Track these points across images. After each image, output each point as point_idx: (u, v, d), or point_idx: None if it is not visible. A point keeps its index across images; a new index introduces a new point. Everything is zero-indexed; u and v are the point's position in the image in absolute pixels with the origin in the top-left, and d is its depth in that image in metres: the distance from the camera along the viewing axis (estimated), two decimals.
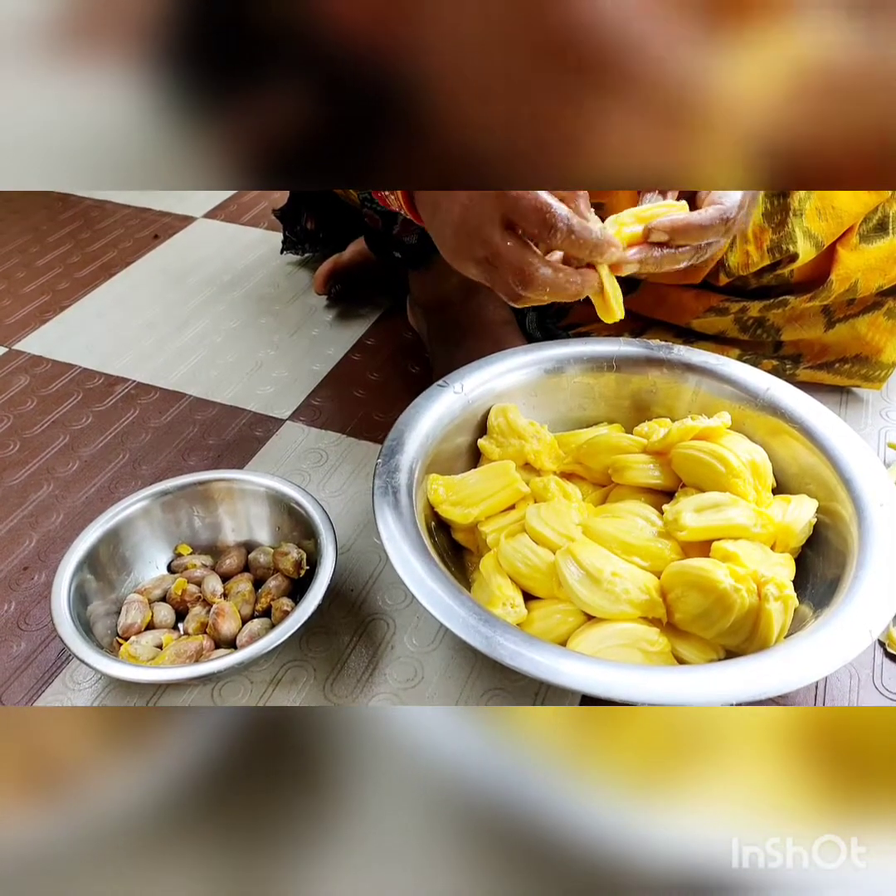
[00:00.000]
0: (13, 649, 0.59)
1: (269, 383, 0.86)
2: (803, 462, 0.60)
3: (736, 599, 0.48)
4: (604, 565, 0.51)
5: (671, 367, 0.67)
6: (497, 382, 0.66)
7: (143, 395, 0.85)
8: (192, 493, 0.63)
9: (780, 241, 0.69)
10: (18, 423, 0.82)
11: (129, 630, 0.57)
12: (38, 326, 0.96)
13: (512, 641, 0.46)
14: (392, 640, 0.59)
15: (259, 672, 0.57)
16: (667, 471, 0.59)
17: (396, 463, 0.57)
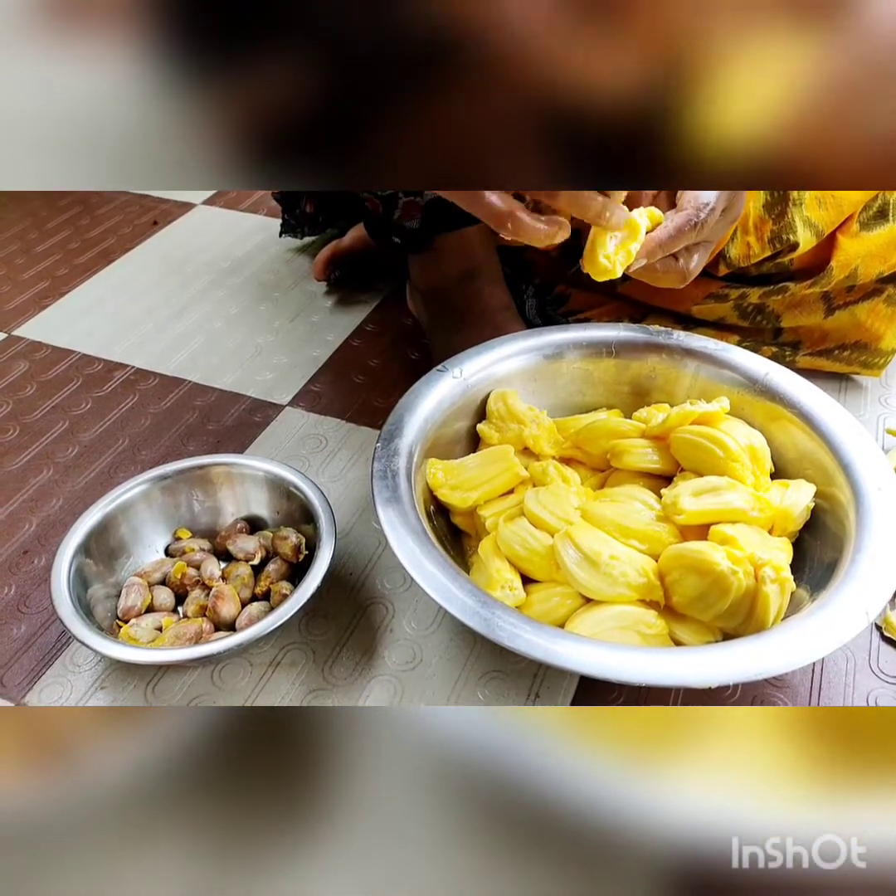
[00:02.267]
0: (13, 632, 0.60)
1: (269, 369, 0.86)
2: (802, 447, 0.60)
3: (733, 582, 0.48)
4: (602, 548, 0.51)
5: (670, 353, 0.67)
6: (496, 367, 0.66)
7: (142, 380, 0.85)
8: (191, 477, 0.63)
9: (781, 231, 0.69)
10: (18, 408, 0.82)
11: (128, 613, 0.57)
12: (38, 312, 0.96)
13: (510, 623, 0.46)
14: (391, 623, 0.59)
15: (258, 654, 0.57)
16: (665, 455, 0.60)
17: (395, 447, 0.57)
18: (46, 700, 0.55)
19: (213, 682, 0.56)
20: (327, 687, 0.55)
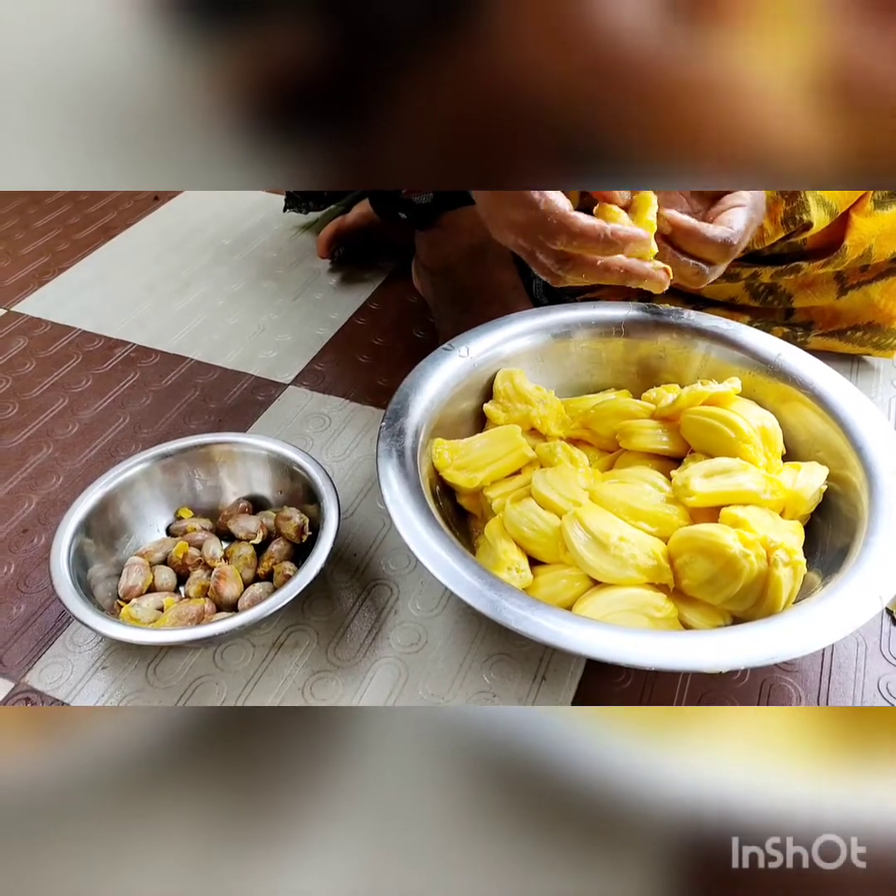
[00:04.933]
0: (13, 611, 0.59)
1: (272, 347, 0.85)
2: (814, 429, 0.59)
3: (745, 565, 0.47)
4: (611, 530, 0.50)
5: (681, 333, 0.65)
6: (503, 346, 0.65)
7: (143, 358, 0.84)
8: (193, 455, 0.62)
9: (794, 212, 0.67)
10: (17, 385, 0.81)
11: (129, 592, 0.56)
12: (37, 288, 0.95)
13: (517, 605, 0.45)
14: (395, 605, 0.58)
15: (261, 635, 0.57)
16: (675, 436, 0.58)
17: (401, 426, 0.56)
18: (47, 680, 0.54)
19: (216, 663, 0.55)
20: (331, 669, 0.55)
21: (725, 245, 0.50)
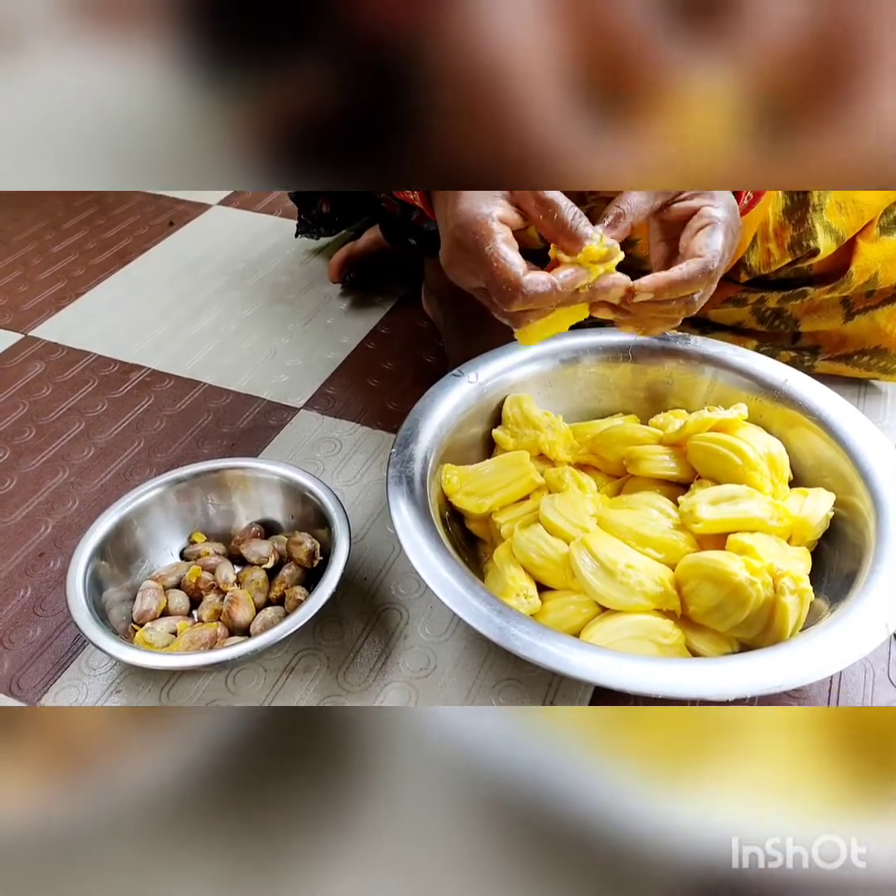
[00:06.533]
0: (29, 635, 0.60)
1: (284, 371, 0.86)
2: (821, 455, 0.59)
3: (751, 593, 0.47)
4: (618, 557, 0.50)
5: (687, 358, 0.66)
6: (512, 372, 0.66)
7: (157, 382, 0.85)
8: (206, 480, 0.63)
9: (801, 238, 0.68)
10: (34, 409, 0.82)
11: (144, 616, 0.57)
12: (54, 313, 0.97)
13: (525, 632, 0.46)
14: (405, 629, 0.59)
15: (273, 660, 0.57)
16: (682, 462, 0.59)
17: (411, 452, 0.57)
18: (62, 703, 0.55)
19: (227, 688, 0.56)
20: (341, 693, 0.55)
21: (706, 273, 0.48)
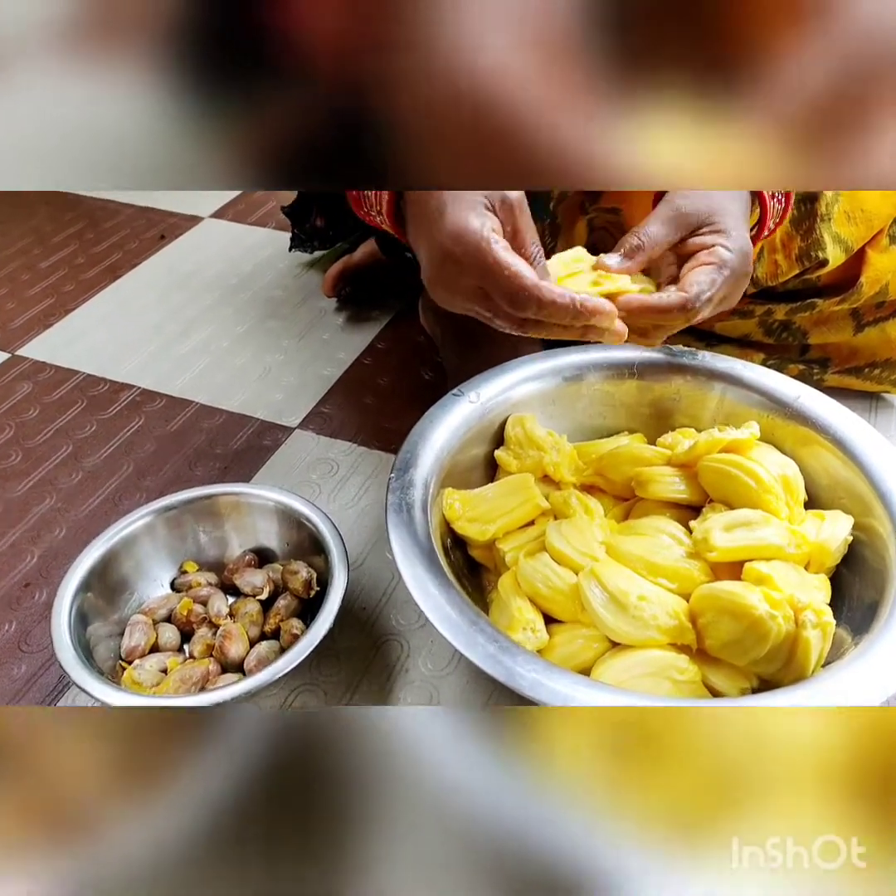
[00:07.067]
0: (14, 672, 0.57)
1: (278, 390, 0.84)
2: (836, 475, 0.57)
3: (772, 627, 0.45)
4: (629, 588, 0.48)
5: (695, 374, 0.64)
6: (514, 391, 0.63)
7: (148, 402, 0.83)
8: (198, 507, 0.61)
9: (809, 248, 0.66)
10: (21, 432, 0.80)
11: (132, 653, 0.54)
12: (42, 331, 0.94)
13: (532, 671, 0.43)
14: (406, 662, 0.56)
15: (268, 697, 0.55)
16: (693, 484, 0.57)
17: (410, 478, 0.55)
18: None
19: None
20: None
21: (683, 308, 0.47)
